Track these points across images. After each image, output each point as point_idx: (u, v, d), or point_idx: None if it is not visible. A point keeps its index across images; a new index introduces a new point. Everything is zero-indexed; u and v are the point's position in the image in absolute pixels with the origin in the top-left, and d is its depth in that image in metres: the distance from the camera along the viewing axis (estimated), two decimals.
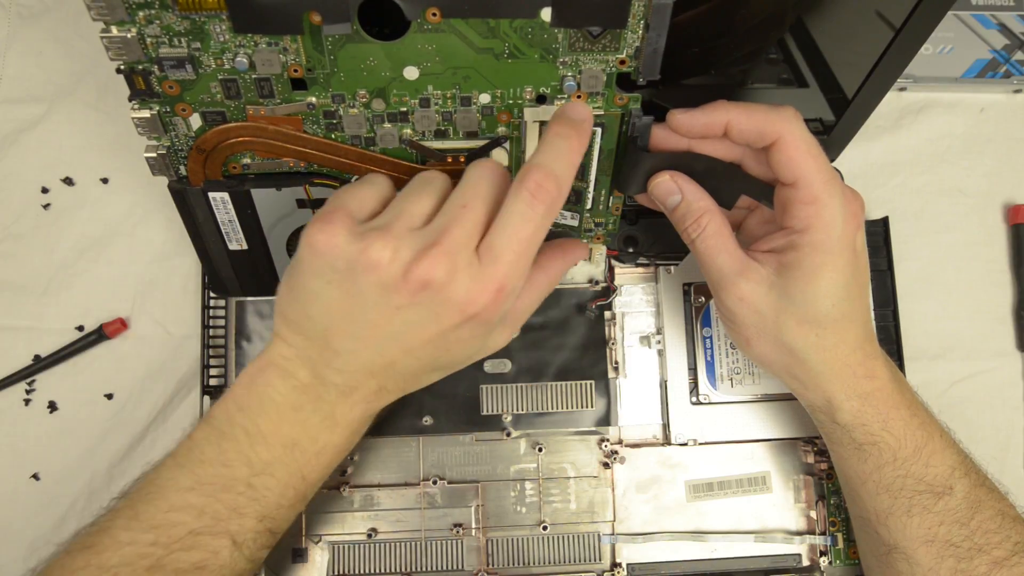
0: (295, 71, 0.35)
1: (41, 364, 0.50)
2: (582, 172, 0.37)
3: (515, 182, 0.34)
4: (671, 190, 0.39)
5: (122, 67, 0.34)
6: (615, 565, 0.47)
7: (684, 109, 0.38)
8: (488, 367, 0.49)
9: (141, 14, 0.32)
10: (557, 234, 0.44)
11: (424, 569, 0.47)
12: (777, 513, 0.48)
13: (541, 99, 0.37)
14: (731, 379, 0.48)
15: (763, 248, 0.39)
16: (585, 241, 0.40)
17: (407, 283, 0.33)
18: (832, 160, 0.51)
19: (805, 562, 0.48)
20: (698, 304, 0.49)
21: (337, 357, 0.36)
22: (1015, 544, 0.39)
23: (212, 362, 0.49)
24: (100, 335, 0.50)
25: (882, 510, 0.40)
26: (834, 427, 0.41)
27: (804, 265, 0.37)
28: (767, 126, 0.36)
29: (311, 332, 0.36)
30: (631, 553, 0.47)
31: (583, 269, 0.50)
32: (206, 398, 0.48)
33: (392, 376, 0.37)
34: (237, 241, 0.44)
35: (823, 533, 0.48)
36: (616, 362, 0.49)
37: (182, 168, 0.39)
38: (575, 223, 0.40)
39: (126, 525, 0.36)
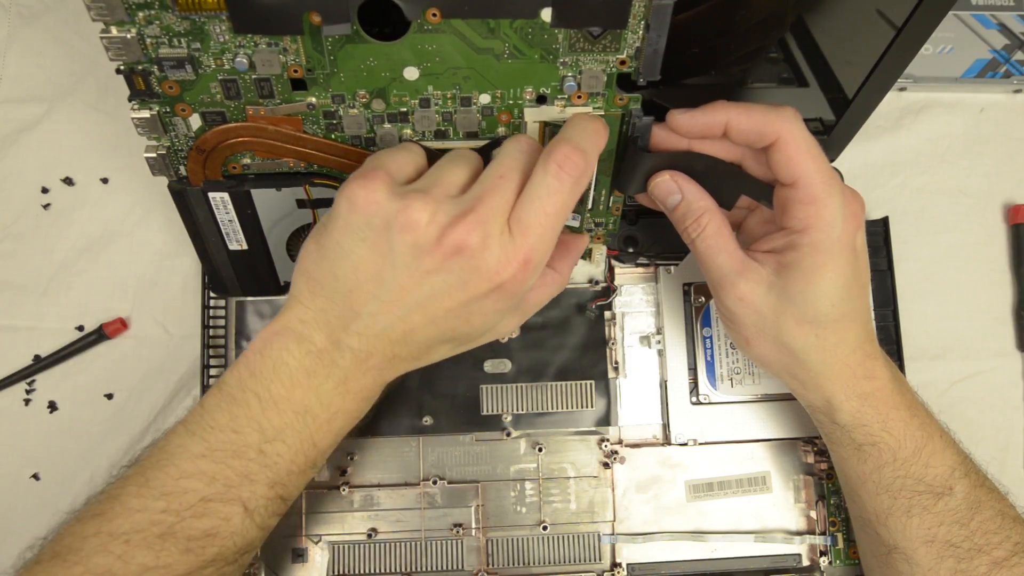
0: (295, 71, 0.35)
1: (41, 364, 0.50)
2: None
3: (542, 156, 0.35)
4: (671, 190, 0.39)
5: (122, 67, 0.34)
6: (615, 565, 0.47)
7: (684, 109, 0.38)
8: (488, 367, 0.49)
9: (141, 14, 0.32)
10: None
11: (424, 569, 0.47)
12: (777, 513, 0.48)
13: (541, 99, 0.37)
14: (731, 379, 0.48)
15: (763, 248, 0.39)
16: (584, 232, 0.41)
17: (441, 247, 0.34)
18: (832, 160, 0.50)
19: (805, 562, 0.48)
20: (698, 304, 0.49)
21: (358, 319, 0.36)
22: (1015, 544, 0.39)
23: (212, 362, 0.49)
24: (100, 335, 0.50)
25: (882, 510, 0.40)
26: (833, 427, 0.41)
27: (804, 265, 0.37)
28: (766, 126, 0.36)
29: (334, 292, 0.36)
30: (631, 553, 0.47)
31: (583, 269, 0.50)
32: None
33: (408, 345, 0.37)
34: (237, 241, 0.44)
35: (823, 533, 0.48)
36: (616, 362, 0.49)
37: (182, 168, 0.39)
38: (576, 224, 0.41)
39: (137, 492, 0.35)
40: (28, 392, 0.50)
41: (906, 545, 0.40)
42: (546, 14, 0.33)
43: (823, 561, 0.47)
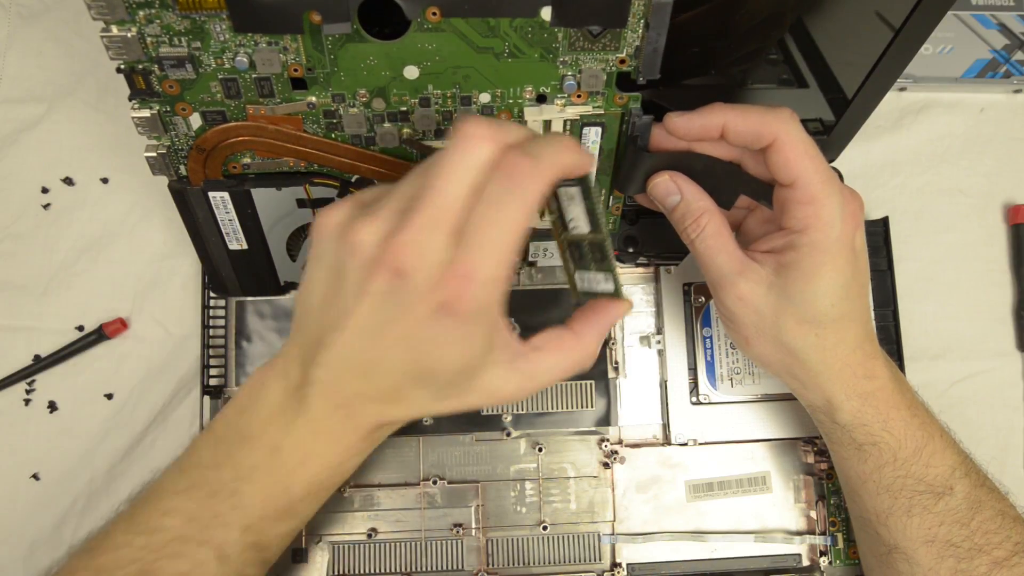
0: (295, 70, 0.35)
1: (41, 364, 0.50)
2: (596, 222, 0.35)
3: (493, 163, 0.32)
4: (670, 190, 0.39)
5: (122, 67, 0.34)
6: (615, 565, 0.47)
7: (680, 112, 0.38)
8: None
9: (141, 13, 0.32)
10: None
11: (424, 569, 0.47)
12: (777, 513, 0.48)
13: (541, 99, 0.37)
14: (731, 379, 0.48)
15: (762, 248, 0.39)
16: (625, 299, 0.36)
17: (381, 265, 0.31)
18: (832, 160, 0.51)
19: (805, 562, 0.48)
20: (698, 304, 0.49)
21: (323, 350, 0.33)
22: (1015, 544, 0.39)
23: (212, 362, 0.49)
24: (100, 335, 0.50)
25: (882, 510, 0.40)
26: (834, 427, 0.41)
27: (803, 265, 0.37)
28: (763, 127, 0.36)
29: (308, 324, 0.34)
30: (631, 553, 0.47)
31: None
32: (206, 398, 0.48)
33: (370, 379, 0.34)
34: (237, 241, 0.44)
35: (823, 533, 0.47)
36: (616, 362, 0.49)
37: (182, 168, 0.40)
38: (610, 287, 0.36)
39: (125, 528, 0.35)
40: (28, 392, 0.50)
41: (907, 545, 0.40)
42: (546, 13, 0.33)
43: (823, 561, 0.47)
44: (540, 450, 0.48)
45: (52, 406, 0.50)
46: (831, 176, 0.37)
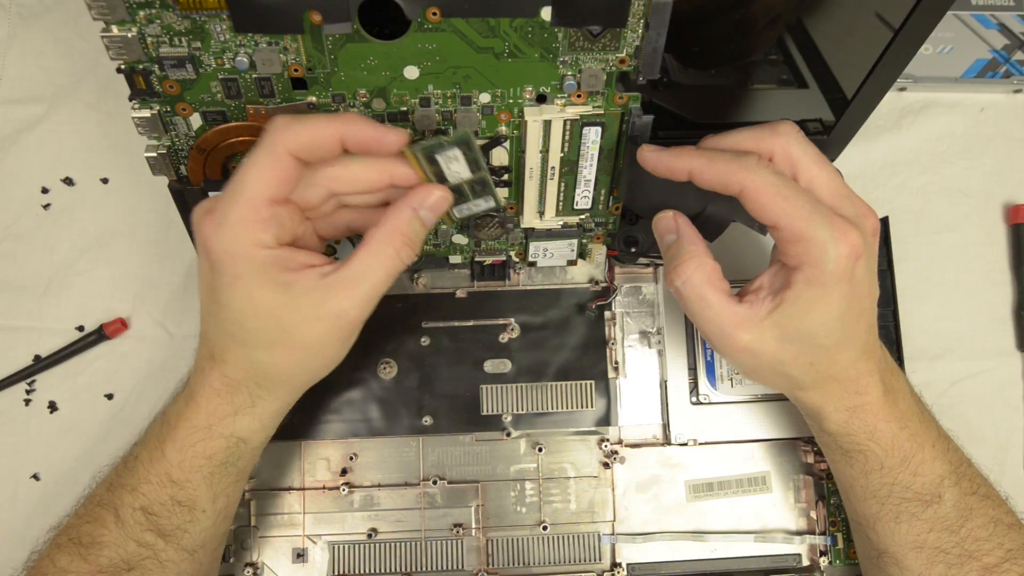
0: (295, 70, 0.35)
1: (41, 364, 0.50)
2: (479, 165, 0.36)
3: None
4: (669, 228, 0.39)
5: (122, 67, 0.35)
6: (615, 565, 0.47)
7: (653, 147, 0.37)
8: (488, 367, 0.49)
9: (142, 13, 0.32)
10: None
11: (424, 569, 0.47)
12: (777, 513, 0.48)
13: (541, 99, 0.37)
14: (731, 379, 0.48)
15: (753, 287, 0.38)
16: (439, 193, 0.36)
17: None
18: (832, 160, 0.50)
19: (805, 562, 0.48)
20: None
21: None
22: (1008, 551, 0.39)
23: None
24: (100, 335, 0.50)
25: (870, 514, 0.40)
26: (822, 433, 0.41)
27: (799, 301, 0.36)
28: (728, 177, 0.35)
29: None
30: (631, 553, 0.47)
31: (583, 269, 0.50)
32: None
33: (208, 342, 0.38)
34: None
35: (823, 533, 0.47)
36: (616, 362, 0.49)
37: (182, 168, 0.40)
38: (492, 203, 0.37)
39: (84, 501, 0.41)
40: (28, 392, 0.50)
41: (895, 550, 0.40)
42: (546, 13, 0.33)
43: (823, 561, 0.47)
44: (540, 450, 0.48)
45: (52, 406, 0.50)
46: (815, 211, 0.35)
